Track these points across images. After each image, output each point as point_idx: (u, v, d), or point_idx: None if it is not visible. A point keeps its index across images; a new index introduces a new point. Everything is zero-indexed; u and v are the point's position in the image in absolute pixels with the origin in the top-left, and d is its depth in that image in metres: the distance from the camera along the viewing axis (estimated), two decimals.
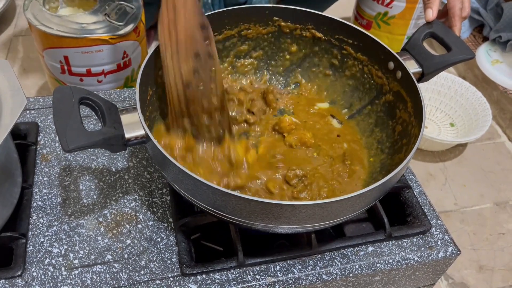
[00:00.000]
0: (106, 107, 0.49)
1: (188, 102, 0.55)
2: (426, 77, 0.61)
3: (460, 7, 0.63)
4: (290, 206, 0.44)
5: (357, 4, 1.35)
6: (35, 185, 0.60)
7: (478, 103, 1.13)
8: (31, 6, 0.88)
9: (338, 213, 0.47)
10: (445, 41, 0.61)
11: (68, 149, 0.44)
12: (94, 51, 0.87)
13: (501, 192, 1.06)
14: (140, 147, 0.66)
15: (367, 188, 0.45)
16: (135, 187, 0.61)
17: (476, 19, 1.38)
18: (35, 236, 0.56)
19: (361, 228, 0.63)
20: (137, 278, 0.53)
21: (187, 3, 0.54)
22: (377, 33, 1.30)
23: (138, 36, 0.91)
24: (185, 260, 0.54)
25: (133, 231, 0.57)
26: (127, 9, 0.89)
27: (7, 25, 1.37)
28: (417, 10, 1.23)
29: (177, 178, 0.47)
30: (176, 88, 0.55)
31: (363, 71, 0.66)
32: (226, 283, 0.53)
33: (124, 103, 0.72)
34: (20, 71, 1.23)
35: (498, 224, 1.00)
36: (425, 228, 0.59)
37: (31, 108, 0.70)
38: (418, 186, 0.65)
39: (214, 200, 0.46)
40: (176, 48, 0.54)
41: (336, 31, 0.65)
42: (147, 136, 0.48)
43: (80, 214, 0.58)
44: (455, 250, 0.58)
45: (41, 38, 0.87)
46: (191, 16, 0.54)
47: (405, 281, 0.61)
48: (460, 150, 1.15)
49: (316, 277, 0.54)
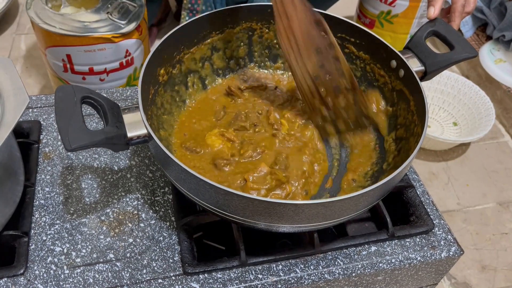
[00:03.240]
0: (108, 106, 0.49)
1: (320, 92, 0.60)
2: (429, 76, 0.60)
3: (463, 3, 0.62)
4: (293, 205, 0.43)
5: (360, 3, 1.34)
6: (37, 183, 0.61)
7: (481, 102, 1.12)
8: (34, 4, 0.88)
9: (341, 212, 0.47)
10: (448, 40, 0.61)
11: (70, 149, 0.44)
12: (96, 50, 0.87)
13: (504, 192, 1.06)
14: (142, 146, 0.66)
15: (370, 187, 0.45)
16: (137, 186, 0.61)
17: (480, 18, 1.38)
18: (38, 235, 0.56)
19: (364, 227, 0.63)
20: (139, 277, 0.53)
21: (296, 6, 0.58)
22: (380, 32, 1.30)
23: (140, 34, 0.91)
24: (187, 259, 0.54)
25: (135, 229, 0.57)
26: (129, 8, 0.89)
27: (9, 23, 1.38)
28: (420, 8, 1.23)
29: (179, 177, 0.47)
30: (306, 84, 0.60)
31: (365, 70, 0.66)
32: (228, 282, 0.53)
33: (127, 101, 0.72)
34: (23, 70, 1.23)
35: (501, 224, 0.99)
36: (428, 227, 0.59)
37: (34, 106, 0.70)
38: (421, 186, 0.65)
39: (216, 199, 0.46)
40: (298, 50, 0.58)
41: (338, 30, 0.65)
42: (150, 135, 0.48)
43: (83, 212, 0.58)
44: (458, 250, 0.58)
45: (44, 36, 0.87)
46: (303, 17, 0.58)
47: (407, 281, 0.60)
48: (463, 149, 1.15)
49: (319, 277, 0.54)
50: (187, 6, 1.14)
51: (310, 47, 0.58)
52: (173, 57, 0.61)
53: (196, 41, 0.64)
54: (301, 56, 0.59)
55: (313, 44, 0.58)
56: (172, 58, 0.61)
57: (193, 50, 0.64)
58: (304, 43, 0.58)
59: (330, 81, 0.59)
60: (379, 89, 0.65)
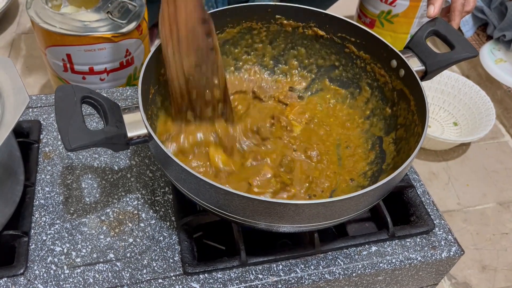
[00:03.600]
0: (108, 106, 0.49)
1: (190, 95, 0.55)
2: (429, 75, 0.60)
3: (462, 2, 0.62)
4: (293, 205, 0.43)
5: (361, 2, 1.34)
6: (37, 183, 0.60)
7: (481, 102, 1.12)
8: (34, 4, 0.88)
9: (341, 212, 0.47)
10: (448, 39, 0.61)
11: (70, 148, 0.44)
12: (96, 49, 0.87)
13: (504, 192, 1.06)
14: (142, 146, 0.66)
15: (370, 187, 0.44)
16: (138, 186, 0.61)
17: (480, 18, 1.37)
18: (38, 235, 0.56)
19: (364, 227, 0.63)
20: (139, 277, 0.53)
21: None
22: (381, 31, 1.30)
23: (140, 34, 0.91)
24: (188, 259, 0.54)
25: (136, 229, 0.57)
26: (129, 7, 0.89)
27: (9, 23, 1.38)
28: (420, 8, 1.22)
29: (179, 177, 0.47)
30: (178, 83, 0.55)
31: (365, 69, 0.66)
32: (228, 282, 0.53)
33: (127, 101, 0.72)
34: (23, 69, 1.23)
35: (501, 224, 0.99)
36: (429, 227, 0.59)
37: (34, 106, 0.70)
38: (421, 186, 0.65)
39: (217, 199, 0.46)
40: (178, 43, 0.54)
41: (338, 29, 0.65)
42: (150, 135, 0.48)
43: (83, 212, 0.58)
44: (459, 250, 0.58)
45: (44, 36, 0.86)
46: (191, 11, 0.54)
47: (408, 281, 0.60)
48: (464, 149, 1.14)
49: (319, 277, 0.54)
50: None
51: (191, 44, 0.54)
52: None
53: None
54: (179, 50, 0.54)
55: (195, 42, 0.54)
56: None
57: None
58: (186, 38, 0.54)
59: (203, 86, 0.55)
60: (379, 88, 0.65)
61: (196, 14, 0.54)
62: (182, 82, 0.55)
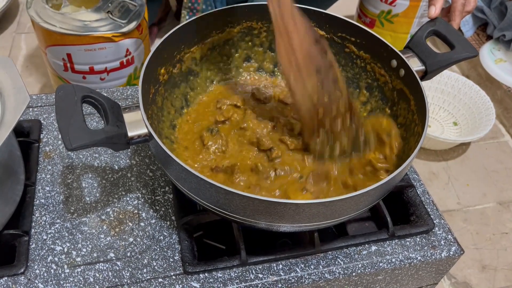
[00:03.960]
0: (108, 105, 0.49)
1: (318, 114, 0.56)
2: (429, 75, 0.60)
3: (463, 2, 0.62)
4: (294, 204, 0.43)
5: (361, 2, 1.34)
6: (38, 182, 0.61)
7: (481, 102, 1.12)
8: (34, 3, 0.88)
9: (342, 211, 0.47)
10: (448, 39, 0.61)
11: (71, 148, 0.44)
12: (97, 49, 0.87)
13: (504, 192, 1.06)
14: (142, 145, 0.66)
15: (370, 187, 0.45)
16: (138, 185, 0.61)
17: (480, 18, 1.38)
18: (38, 234, 0.56)
19: (364, 227, 0.63)
20: (139, 276, 0.53)
21: (297, 24, 0.55)
22: (381, 31, 1.30)
23: (141, 33, 0.91)
24: (188, 258, 0.54)
25: (136, 229, 0.57)
26: (130, 7, 0.89)
27: (10, 22, 1.38)
28: (420, 8, 1.23)
29: (180, 176, 0.47)
30: (306, 107, 0.56)
31: (365, 69, 0.66)
32: (228, 282, 0.53)
33: (127, 101, 0.72)
34: (23, 69, 1.23)
35: (501, 224, 0.99)
36: (428, 227, 0.59)
37: (34, 105, 0.70)
38: (421, 185, 0.65)
39: (217, 198, 0.46)
40: (298, 70, 0.55)
41: (338, 29, 0.65)
42: (150, 134, 0.48)
43: (83, 212, 0.58)
44: (459, 250, 0.58)
45: (44, 35, 0.87)
46: (304, 35, 0.55)
47: (408, 280, 0.60)
48: (463, 149, 1.15)
49: (319, 276, 0.54)
50: (187, 5, 1.15)
51: (310, 67, 0.55)
52: (174, 56, 0.61)
53: (197, 40, 0.64)
54: (301, 76, 0.55)
55: (313, 64, 0.55)
56: (172, 57, 0.61)
57: (194, 50, 0.64)
58: (305, 63, 0.55)
59: (328, 103, 0.56)
60: (379, 88, 0.65)
61: (308, 37, 0.55)
62: (309, 105, 0.56)
